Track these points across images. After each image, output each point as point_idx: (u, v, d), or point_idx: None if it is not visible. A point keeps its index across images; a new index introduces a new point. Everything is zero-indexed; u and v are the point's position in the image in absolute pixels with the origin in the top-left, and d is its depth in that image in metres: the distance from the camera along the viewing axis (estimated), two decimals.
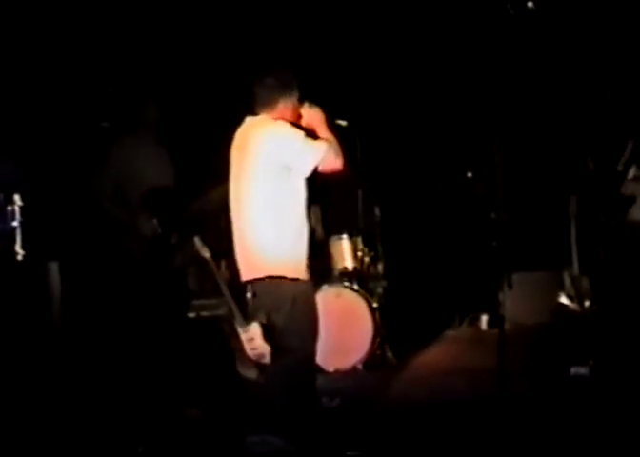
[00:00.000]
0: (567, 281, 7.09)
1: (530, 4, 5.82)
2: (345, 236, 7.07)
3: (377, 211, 7.21)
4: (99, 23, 6.56)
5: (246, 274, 4.73)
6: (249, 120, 4.58)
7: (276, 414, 4.51)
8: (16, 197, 5.13)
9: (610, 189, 5.99)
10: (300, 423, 4.48)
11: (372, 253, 7.16)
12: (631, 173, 5.97)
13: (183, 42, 7.10)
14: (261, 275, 4.63)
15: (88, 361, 5.54)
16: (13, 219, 5.10)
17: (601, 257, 6.13)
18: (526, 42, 6.85)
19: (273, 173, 4.42)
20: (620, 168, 5.98)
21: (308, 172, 4.48)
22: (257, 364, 6.45)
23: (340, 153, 4.53)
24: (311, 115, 4.61)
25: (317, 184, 7.48)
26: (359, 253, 7.05)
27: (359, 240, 7.10)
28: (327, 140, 4.50)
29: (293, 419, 4.51)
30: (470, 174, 7.65)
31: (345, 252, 7.06)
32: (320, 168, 4.50)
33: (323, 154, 4.44)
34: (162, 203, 5.52)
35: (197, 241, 6.50)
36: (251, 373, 6.32)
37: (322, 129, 4.57)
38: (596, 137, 6.39)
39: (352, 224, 7.35)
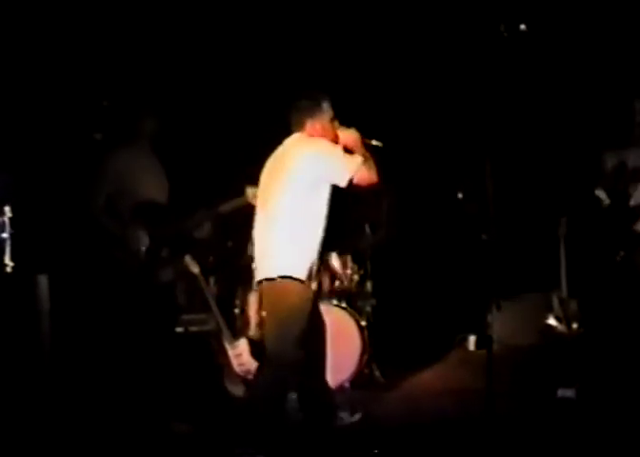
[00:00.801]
0: (555, 303, 7.10)
1: (522, 26, 5.83)
2: (334, 253, 7.07)
3: (367, 229, 7.20)
4: (94, 34, 6.55)
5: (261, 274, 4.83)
6: (287, 140, 4.86)
7: (257, 428, 4.52)
8: (6, 209, 5.11)
9: (622, 225, 6.04)
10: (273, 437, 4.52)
11: (362, 271, 7.15)
12: None
13: (179, 56, 7.10)
14: (273, 275, 4.71)
15: (76, 374, 5.51)
16: (3, 231, 5.08)
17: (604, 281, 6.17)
18: (518, 63, 6.88)
19: (307, 186, 4.68)
20: (634, 203, 6.04)
21: (344, 184, 4.69)
22: (244, 380, 6.47)
23: (375, 168, 4.80)
24: (347, 136, 4.86)
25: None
26: (348, 271, 7.05)
27: (348, 258, 7.10)
28: (362, 155, 4.76)
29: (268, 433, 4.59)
30: (460, 195, 7.65)
31: (334, 270, 7.06)
32: (355, 181, 4.71)
33: (358, 168, 4.69)
34: (154, 216, 5.51)
35: (187, 257, 6.53)
36: (238, 389, 6.32)
37: (358, 148, 4.81)
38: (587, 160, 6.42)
39: (342, 241, 7.35)
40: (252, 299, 7.10)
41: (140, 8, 6.77)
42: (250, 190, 5.41)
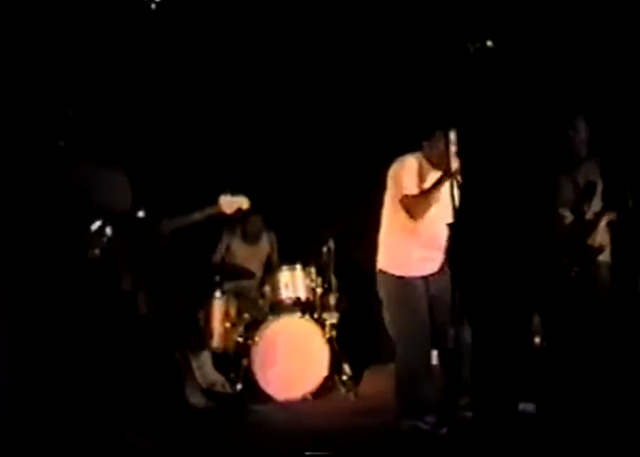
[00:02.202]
0: None
1: (489, 43, 5.88)
2: (298, 266, 7.08)
3: (331, 243, 7.21)
4: (62, 41, 6.52)
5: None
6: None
7: None
8: None
9: (578, 239, 6.09)
10: None
11: (325, 285, 7.17)
12: (603, 222, 6.07)
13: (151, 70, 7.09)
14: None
15: (35, 385, 5.46)
16: None
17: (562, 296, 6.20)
18: (485, 79, 6.93)
19: None
20: (590, 216, 6.09)
21: None
22: (206, 391, 6.47)
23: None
24: None
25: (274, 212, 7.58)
26: (312, 284, 7.06)
27: (312, 270, 7.11)
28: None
29: None
30: None
31: (297, 282, 7.07)
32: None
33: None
34: (113, 227, 5.45)
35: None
36: (200, 401, 6.31)
37: None
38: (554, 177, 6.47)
39: (306, 254, 7.37)
40: (217, 310, 7.11)
41: (111, 14, 6.75)
42: (223, 199, 5.53)
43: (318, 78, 7.74)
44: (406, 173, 6.03)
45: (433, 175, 6.08)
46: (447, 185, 5.64)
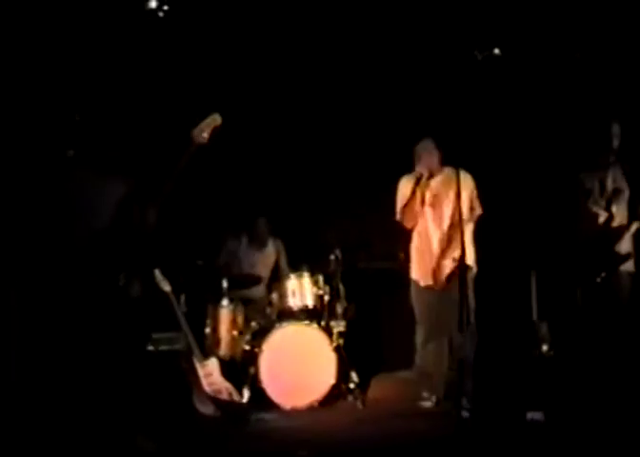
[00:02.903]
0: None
1: (496, 50, 5.90)
2: (305, 273, 7.07)
3: (339, 251, 7.20)
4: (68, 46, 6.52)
5: None
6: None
7: None
8: None
9: (606, 245, 6.11)
10: None
11: (333, 293, 7.15)
12: (631, 231, 6.10)
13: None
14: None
15: (42, 389, 5.45)
16: None
17: (579, 306, 6.21)
18: (492, 86, 6.94)
19: None
20: (617, 223, 6.11)
21: None
22: (214, 399, 6.44)
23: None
24: None
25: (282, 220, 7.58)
26: (320, 292, 7.05)
27: (320, 278, 7.10)
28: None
29: None
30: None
31: (305, 290, 7.06)
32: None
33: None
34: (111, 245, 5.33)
35: (157, 274, 6.49)
36: (208, 409, 6.29)
37: None
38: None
39: (314, 261, 7.36)
40: (224, 318, 7.10)
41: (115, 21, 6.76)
42: (193, 131, 5.20)
43: (328, 87, 7.75)
44: (401, 188, 6.61)
45: (433, 184, 6.29)
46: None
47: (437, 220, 6.47)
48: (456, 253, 6.16)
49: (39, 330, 5.54)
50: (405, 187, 6.55)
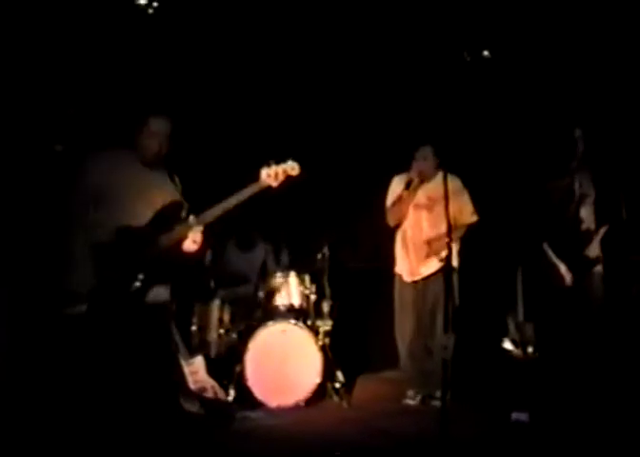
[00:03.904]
0: (511, 326, 7.16)
1: (485, 52, 5.94)
2: (292, 273, 7.08)
3: (326, 250, 7.22)
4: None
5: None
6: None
7: None
8: None
9: (575, 249, 6.17)
10: None
11: (319, 292, 7.16)
12: (599, 235, 6.15)
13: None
14: None
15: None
16: None
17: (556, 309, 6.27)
18: (481, 88, 6.97)
19: None
20: (585, 227, 6.16)
21: None
22: (199, 397, 6.44)
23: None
24: None
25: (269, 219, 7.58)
26: (306, 291, 7.06)
27: (306, 277, 7.11)
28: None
29: None
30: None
31: (291, 289, 7.07)
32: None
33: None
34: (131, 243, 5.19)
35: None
36: (193, 406, 6.29)
37: None
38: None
39: (301, 260, 7.37)
40: (211, 316, 7.10)
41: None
42: (264, 172, 5.01)
43: (320, 88, 7.75)
44: (393, 186, 6.74)
45: (429, 186, 6.35)
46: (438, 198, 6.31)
47: (434, 222, 6.55)
48: (442, 254, 6.26)
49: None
50: (397, 186, 6.69)
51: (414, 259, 6.65)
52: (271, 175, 4.96)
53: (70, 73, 6.57)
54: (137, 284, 4.86)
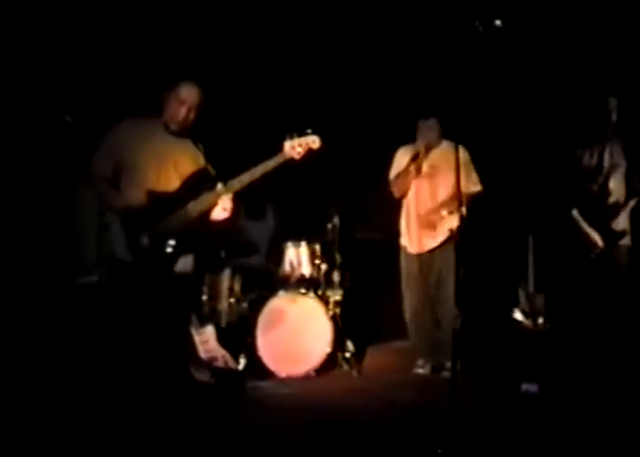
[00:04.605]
0: (522, 297, 7.15)
1: (497, 22, 5.86)
2: (303, 242, 7.08)
3: (336, 220, 7.21)
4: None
5: None
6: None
7: None
8: None
9: (602, 221, 6.13)
10: None
11: (330, 262, 7.16)
12: (628, 208, 6.11)
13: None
14: None
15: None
16: None
17: (575, 280, 6.24)
18: (493, 58, 6.90)
19: None
20: (614, 200, 6.13)
21: None
22: (210, 366, 6.47)
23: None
24: None
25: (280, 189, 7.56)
26: (317, 261, 7.06)
27: (317, 247, 7.11)
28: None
29: None
30: None
31: (302, 259, 7.07)
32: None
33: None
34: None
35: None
36: (204, 376, 6.32)
37: None
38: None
39: (311, 230, 7.36)
40: (222, 286, 7.12)
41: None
42: (288, 144, 5.05)
43: (327, 61, 7.70)
44: (398, 158, 6.73)
45: (431, 155, 6.31)
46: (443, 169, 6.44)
47: (433, 191, 6.58)
48: (450, 225, 6.26)
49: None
50: (402, 157, 6.67)
51: (417, 231, 6.66)
52: (295, 147, 5.02)
53: (85, 42, 6.54)
54: (169, 250, 4.90)
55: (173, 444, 4.74)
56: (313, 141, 5.07)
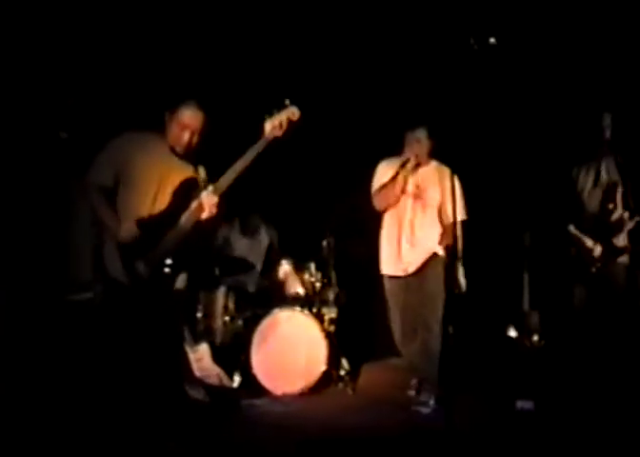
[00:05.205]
0: (516, 315, 7.14)
1: (491, 39, 5.89)
2: (298, 260, 7.08)
3: (331, 238, 7.21)
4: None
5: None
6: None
7: None
8: None
9: (603, 237, 6.16)
10: None
11: (325, 280, 7.16)
12: (630, 226, 6.15)
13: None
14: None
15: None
16: None
17: (578, 302, 6.26)
18: (487, 75, 6.92)
19: None
20: (615, 217, 6.16)
21: None
22: (204, 384, 6.45)
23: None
24: None
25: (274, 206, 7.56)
26: (311, 279, 7.06)
27: (312, 265, 7.11)
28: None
29: None
30: None
31: (297, 277, 7.07)
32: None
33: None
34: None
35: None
36: (198, 394, 6.30)
37: None
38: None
39: (306, 248, 7.36)
40: (216, 303, 7.10)
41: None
42: (268, 125, 4.93)
43: (322, 73, 7.71)
44: (381, 170, 6.45)
45: (417, 174, 6.21)
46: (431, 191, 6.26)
47: (420, 213, 6.31)
48: (435, 249, 6.18)
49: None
50: (384, 169, 6.39)
51: (399, 252, 6.36)
52: (276, 126, 4.91)
53: (78, 56, 6.55)
54: (167, 270, 4.86)
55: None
56: (293, 113, 4.96)
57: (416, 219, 6.31)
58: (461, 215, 6.20)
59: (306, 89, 7.71)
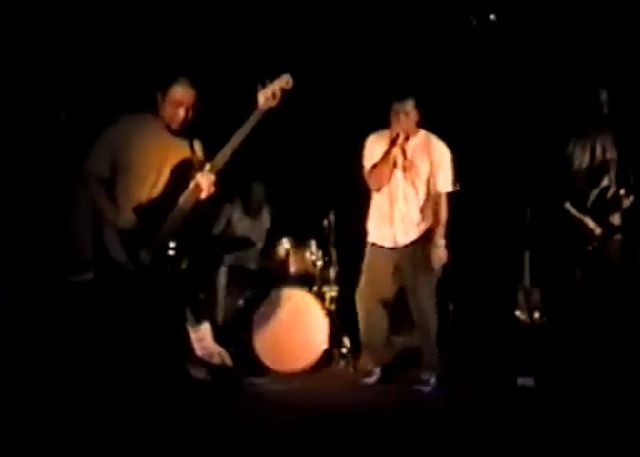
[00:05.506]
0: (520, 294, 7.13)
1: (492, 16, 5.88)
2: (298, 239, 7.07)
3: (332, 216, 7.19)
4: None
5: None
6: None
7: None
8: None
9: (600, 215, 6.15)
10: None
11: (326, 258, 7.15)
12: (626, 203, 6.13)
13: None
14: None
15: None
16: None
17: (577, 279, 6.26)
18: (486, 51, 6.90)
19: None
20: (611, 194, 6.14)
21: None
22: (206, 363, 6.46)
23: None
24: None
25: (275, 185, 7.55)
26: (312, 257, 7.05)
27: (313, 243, 7.10)
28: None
29: None
30: None
31: (298, 255, 7.07)
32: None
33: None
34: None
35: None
36: (200, 373, 6.31)
37: None
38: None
39: (307, 226, 7.35)
40: (218, 283, 7.11)
41: None
42: (261, 95, 4.89)
43: (321, 50, 7.68)
44: (369, 145, 6.24)
45: (407, 147, 6.10)
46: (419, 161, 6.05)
47: (409, 185, 6.10)
48: (427, 222, 6.12)
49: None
50: (373, 145, 6.17)
51: (390, 226, 6.16)
52: (269, 96, 4.87)
53: (76, 38, 6.52)
54: (171, 253, 4.84)
55: (170, 441, 4.73)
56: (286, 82, 4.92)
57: (407, 191, 6.11)
58: (447, 187, 6.09)
59: (298, 59, 7.72)
